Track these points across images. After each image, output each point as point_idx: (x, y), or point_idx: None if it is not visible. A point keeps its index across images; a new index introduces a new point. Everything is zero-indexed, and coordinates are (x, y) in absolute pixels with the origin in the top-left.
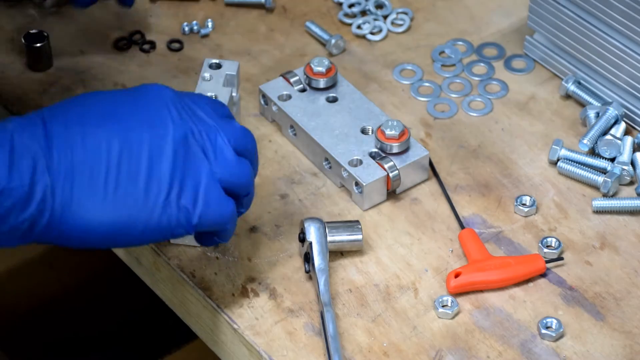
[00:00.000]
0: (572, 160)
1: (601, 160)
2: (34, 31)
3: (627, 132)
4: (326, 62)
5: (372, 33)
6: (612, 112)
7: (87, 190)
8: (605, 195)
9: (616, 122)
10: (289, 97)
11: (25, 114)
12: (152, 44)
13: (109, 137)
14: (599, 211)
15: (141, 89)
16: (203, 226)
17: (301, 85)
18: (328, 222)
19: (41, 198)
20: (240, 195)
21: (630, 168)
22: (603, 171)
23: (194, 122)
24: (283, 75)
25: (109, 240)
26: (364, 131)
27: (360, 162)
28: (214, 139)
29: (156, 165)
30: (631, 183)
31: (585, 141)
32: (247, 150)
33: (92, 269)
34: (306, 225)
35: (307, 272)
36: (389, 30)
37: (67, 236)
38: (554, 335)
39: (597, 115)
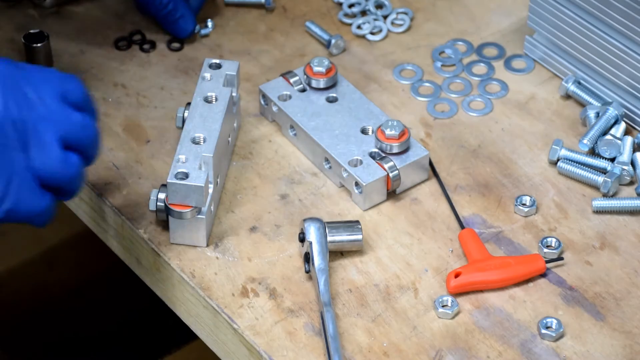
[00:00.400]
0: (572, 160)
1: (601, 160)
2: (34, 31)
3: (627, 132)
4: (326, 62)
5: (372, 33)
6: (612, 112)
7: None
8: (605, 195)
9: (616, 122)
10: (289, 97)
11: None
12: (152, 44)
13: None
14: (599, 211)
15: None
16: (12, 220)
17: (301, 85)
18: (328, 222)
19: None
20: (63, 188)
21: (630, 168)
22: (603, 171)
23: (19, 107)
24: (283, 75)
25: None
26: (364, 131)
27: (360, 162)
28: (39, 130)
29: None
30: (631, 183)
31: (585, 141)
32: (79, 144)
33: (92, 269)
34: (306, 225)
35: (307, 272)
36: (389, 30)
37: None
38: (554, 335)
39: (597, 115)
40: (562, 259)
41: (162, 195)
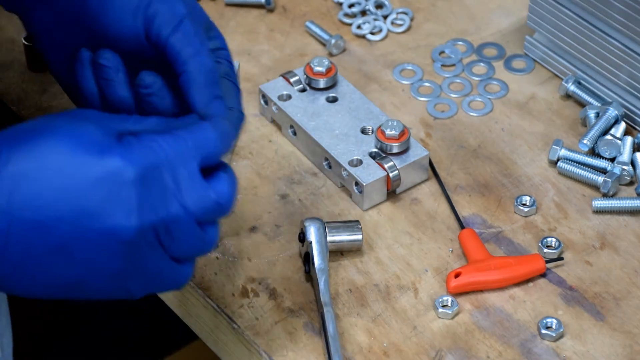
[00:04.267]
0: (572, 160)
1: (601, 160)
2: None
3: (627, 132)
4: (326, 62)
5: (372, 33)
6: (612, 112)
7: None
8: (605, 195)
9: (616, 122)
10: (289, 97)
11: None
12: None
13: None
14: (599, 211)
15: (99, 163)
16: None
17: (301, 85)
18: (328, 222)
19: None
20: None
21: (630, 168)
22: (603, 171)
23: (156, 210)
24: (283, 75)
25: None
26: (364, 131)
27: (360, 162)
28: (176, 221)
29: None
30: (631, 183)
31: (585, 141)
32: (214, 217)
33: None
34: (306, 225)
35: (307, 272)
36: (389, 30)
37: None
38: (554, 335)
39: (597, 115)
40: (562, 259)
41: None
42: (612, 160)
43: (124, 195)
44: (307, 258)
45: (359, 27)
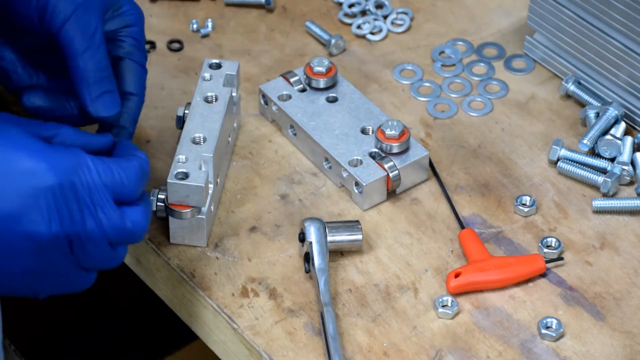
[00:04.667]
0: (572, 160)
1: (601, 160)
2: None
3: (627, 132)
4: (326, 62)
5: (372, 33)
6: (612, 112)
7: None
8: (605, 195)
9: (616, 122)
10: (289, 97)
11: None
12: (152, 44)
13: None
14: (599, 211)
15: (22, 169)
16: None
17: (301, 85)
18: (328, 222)
19: None
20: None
21: (630, 168)
22: (603, 171)
23: (71, 222)
24: (283, 75)
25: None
26: (364, 131)
27: (360, 162)
28: (90, 239)
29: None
30: (631, 183)
31: (585, 141)
32: (126, 242)
33: None
34: (306, 225)
35: (307, 272)
36: (389, 30)
37: None
38: (554, 335)
39: (597, 115)
40: (562, 259)
41: (162, 195)
42: (612, 160)
43: (43, 200)
44: (307, 258)
45: (359, 27)
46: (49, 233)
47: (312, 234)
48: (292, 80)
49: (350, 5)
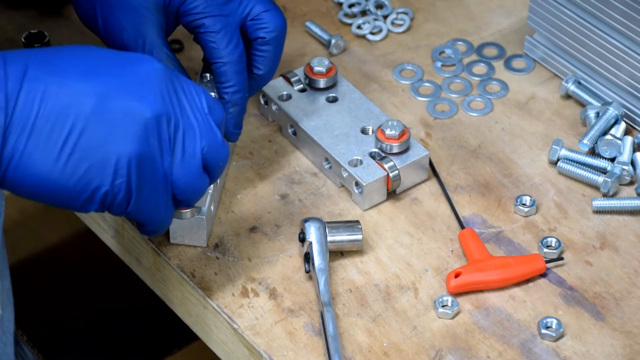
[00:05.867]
0: (572, 160)
1: (601, 160)
2: (34, 31)
3: (627, 132)
4: (326, 62)
5: (372, 33)
6: (612, 112)
7: (42, 147)
8: (605, 195)
9: (616, 122)
10: (289, 97)
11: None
12: None
13: (83, 95)
14: (599, 211)
15: (134, 56)
16: (135, 218)
17: (301, 85)
18: (328, 222)
19: None
20: (183, 204)
21: (630, 168)
22: (603, 171)
23: (174, 110)
24: (283, 75)
25: (54, 200)
26: (364, 131)
27: (360, 162)
28: (186, 139)
29: (118, 143)
30: (631, 183)
31: (585, 141)
32: (214, 167)
33: (92, 269)
34: (306, 225)
35: (307, 272)
36: (389, 30)
37: (15, 184)
38: (554, 335)
39: (597, 115)
40: (562, 259)
41: None
42: (612, 160)
43: (155, 80)
44: (307, 258)
45: (359, 27)
46: (152, 108)
47: (312, 234)
48: (292, 80)
49: (350, 5)
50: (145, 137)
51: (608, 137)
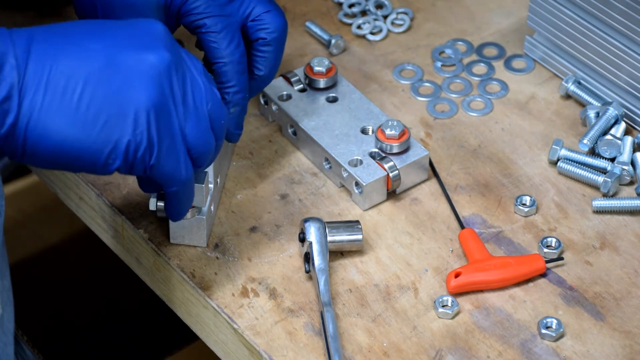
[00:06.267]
0: (572, 160)
1: (601, 160)
2: None
3: (627, 132)
4: (326, 62)
5: (372, 33)
6: (612, 112)
7: (59, 103)
8: (605, 195)
9: (616, 122)
10: (289, 97)
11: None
12: None
13: (93, 50)
14: (599, 211)
15: (136, 19)
16: (158, 176)
17: (301, 85)
18: (328, 222)
19: (5, 95)
20: (196, 164)
21: (630, 168)
22: (603, 171)
23: (180, 62)
24: (283, 75)
25: (78, 159)
26: (364, 131)
27: (360, 162)
28: (195, 98)
29: (134, 93)
30: (631, 183)
31: (585, 141)
32: (218, 126)
33: (92, 269)
34: (306, 225)
35: (307, 272)
36: (389, 30)
37: (36, 146)
38: (554, 335)
39: (597, 115)
40: (562, 259)
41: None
42: (612, 160)
43: (162, 38)
44: (307, 258)
45: (359, 27)
46: (165, 56)
47: (312, 234)
48: (292, 80)
49: (350, 5)
50: (159, 85)
51: (608, 137)
